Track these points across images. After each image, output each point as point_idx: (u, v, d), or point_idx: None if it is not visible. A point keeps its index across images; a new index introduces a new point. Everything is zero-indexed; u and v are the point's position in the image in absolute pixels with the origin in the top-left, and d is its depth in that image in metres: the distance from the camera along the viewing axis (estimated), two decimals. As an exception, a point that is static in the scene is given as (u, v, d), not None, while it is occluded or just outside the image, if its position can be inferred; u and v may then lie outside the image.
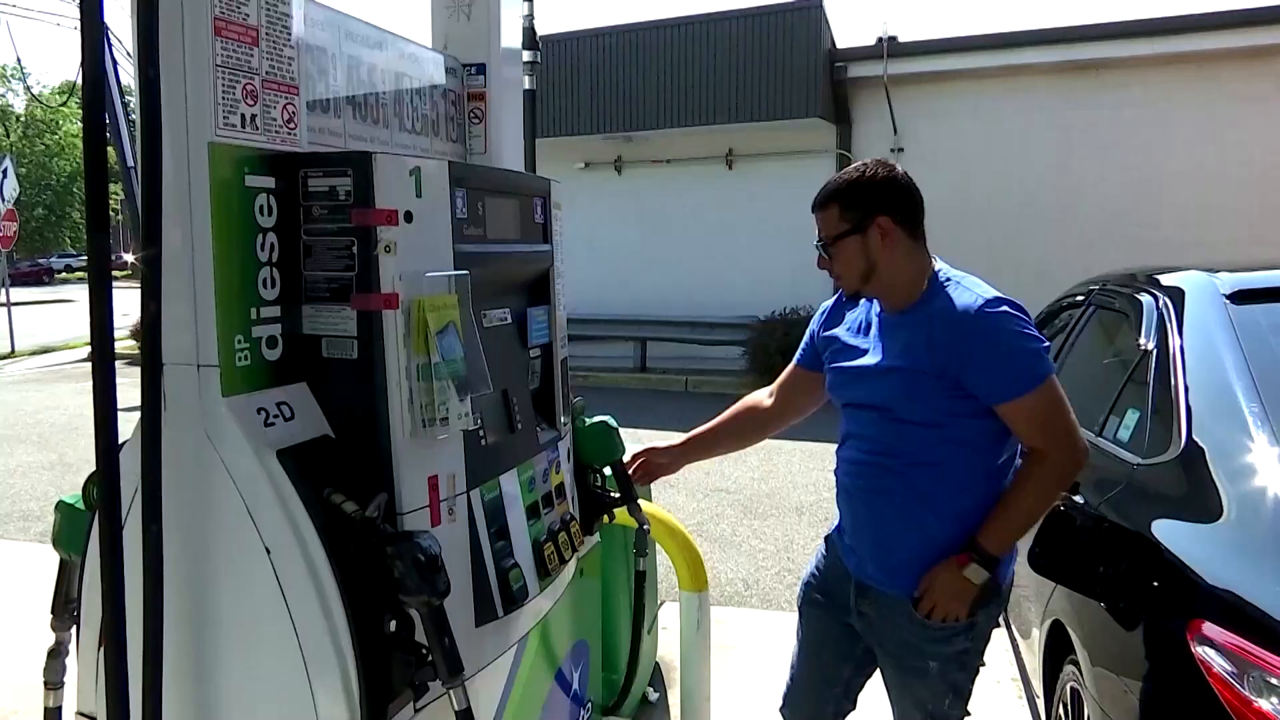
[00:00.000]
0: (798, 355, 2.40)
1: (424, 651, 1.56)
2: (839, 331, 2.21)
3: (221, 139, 1.51)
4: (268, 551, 1.50)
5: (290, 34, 1.66)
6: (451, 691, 1.56)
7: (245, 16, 1.55)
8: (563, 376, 2.28)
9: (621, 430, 2.56)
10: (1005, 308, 1.96)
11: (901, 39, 12.74)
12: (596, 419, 2.51)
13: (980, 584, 2.00)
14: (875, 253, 2.02)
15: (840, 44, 13.04)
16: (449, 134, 2.37)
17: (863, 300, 2.16)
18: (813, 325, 2.34)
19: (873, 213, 2.01)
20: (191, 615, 1.54)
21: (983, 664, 2.18)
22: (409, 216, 1.63)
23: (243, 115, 1.56)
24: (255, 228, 1.58)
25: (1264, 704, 1.48)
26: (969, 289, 2.00)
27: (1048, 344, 2.02)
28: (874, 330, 2.13)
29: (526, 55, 2.27)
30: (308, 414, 1.61)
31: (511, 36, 2.49)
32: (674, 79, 13.08)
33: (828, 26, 12.76)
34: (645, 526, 2.53)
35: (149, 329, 1.41)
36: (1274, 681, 1.48)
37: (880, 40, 12.62)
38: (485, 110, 2.42)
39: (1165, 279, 2.82)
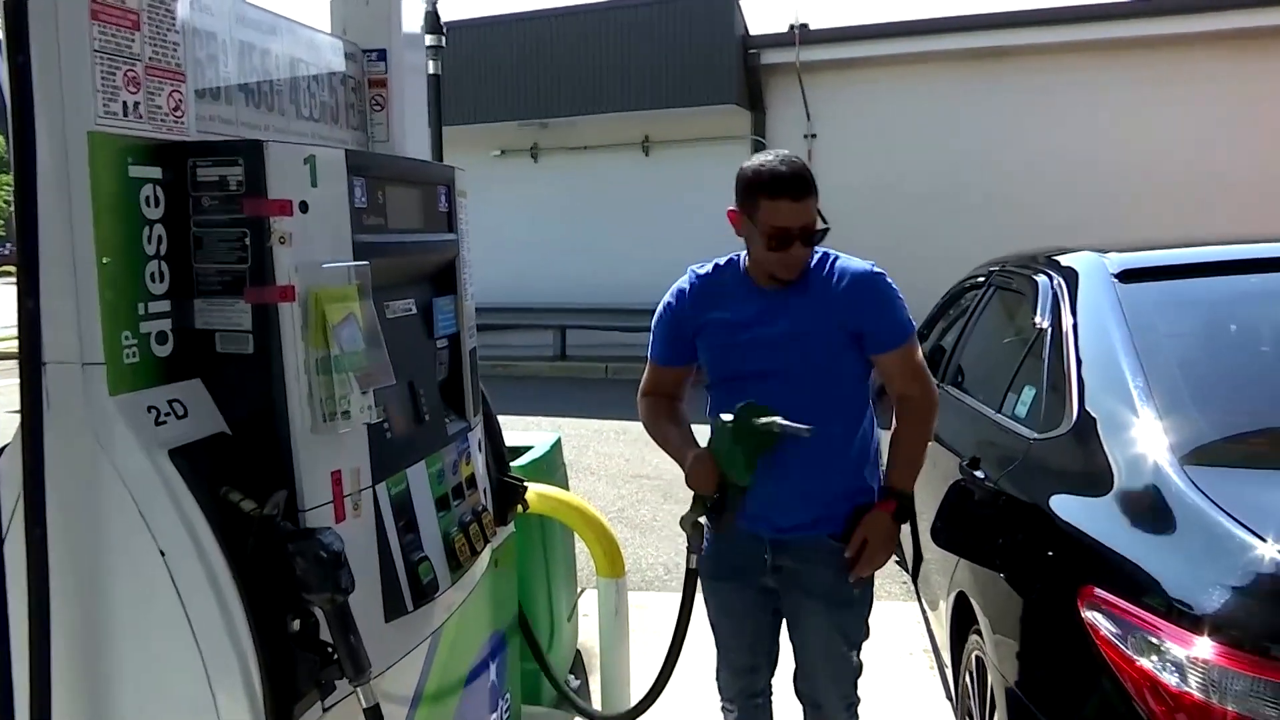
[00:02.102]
0: (674, 357, 2.40)
1: (329, 650, 1.53)
2: (720, 313, 2.30)
3: (102, 128, 1.46)
4: (162, 554, 1.46)
5: (175, 18, 1.61)
6: (359, 689, 1.54)
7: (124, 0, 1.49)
8: (471, 367, 2.26)
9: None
10: (882, 272, 2.26)
11: (813, 26, 12.93)
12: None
13: (900, 524, 2.24)
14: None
15: (754, 31, 13.16)
16: (349, 121, 2.32)
17: (712, 279, 2.33)
18: (677, 320, 2.36)
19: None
20: (82, 623, 1.48)
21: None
22: (304, 206, 1.59)
23: (124, 103, 1.50)
24: (141, 220, 1.53)
25: (1144, 662, 1.56)
26: (848, 258, 2.26)
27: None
28: (760, 302, 2.26)
29: (430, 40, 2.23)
30: (202, 411, 1.57)
31: (413, 22, 2.46)
32: (589, 66, 13.05)
33: (740, 13, 12.86)
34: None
35: (27, 327, 1.36)
36: (1154, 641, 1.56)
37: (792, 27, 12.78)
38: (387, 97, 2.37)
39: (1059, 259, 2.93)
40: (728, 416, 2.16)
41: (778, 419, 2.11)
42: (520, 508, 2.50)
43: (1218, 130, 11.31)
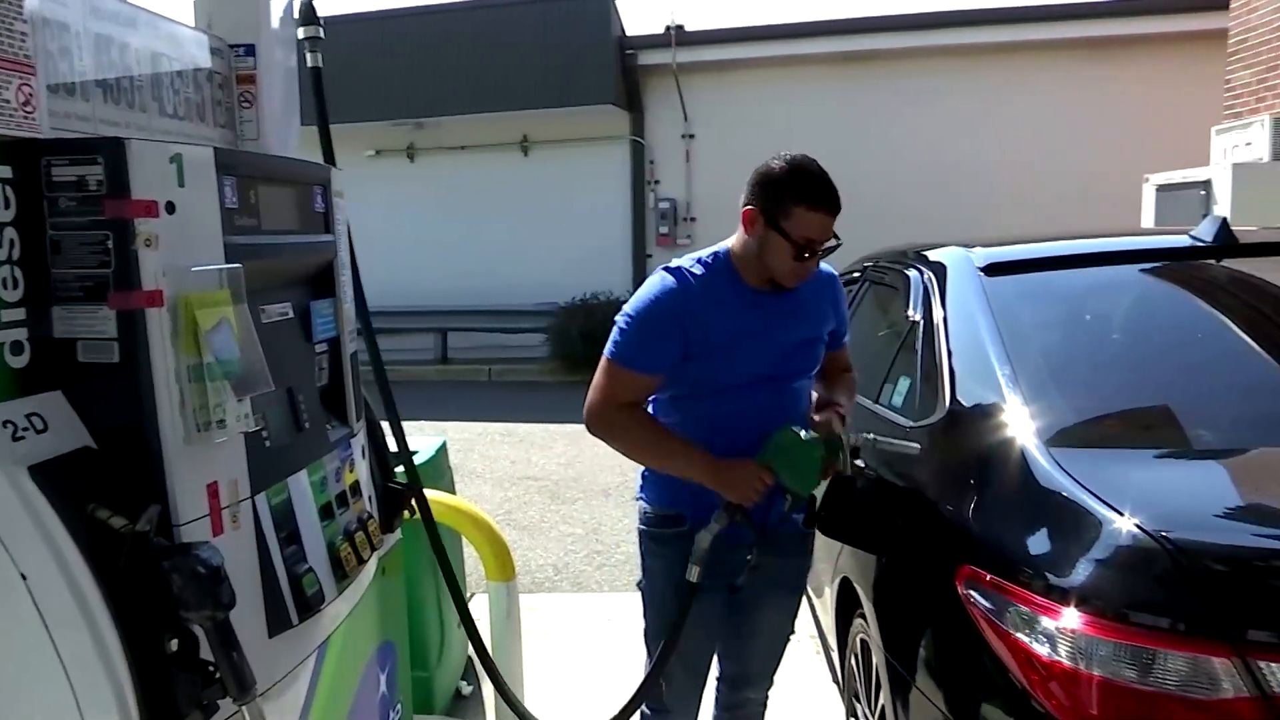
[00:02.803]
0: (662, 362, 2.19)
1: (211, 669, 1.47)
2: (722, 315, 2.18)
3: (-58, 123, 1.36)
4: (24, 578, 1.37)
5: (22, 7, 1.51)
6: (244, 708, 1.48)
7: (-36, -13, 1.39)
8: (353, 371, 2.21)
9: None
10: None
11: (689, 28, 13.11)
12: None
13: None
14: None
15: (630, 31, 13.25)
16: (217, 119, 2.23)
17: (708, 279, 2.20)
18: (678, 320, 2.17)
19: None
20: (-66, 656, 1.38)
21: None
22: (171, 207, 1.52)
23: (-32, 97, 1.40)
24: (-11, 222, 1.43)
25: (1020, 636, 1.64)
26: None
27: None
28: (765, 305, 2.21)
29: (305, 31, 2.12)
30: (64, 425, 1.48)
31: (282, 16, 2.38)
32: (465, 65, 12.89)
33: (616, 14, 12.92)
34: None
35: None
36: (1026, 614, 1.64)
37: (668, 29, 12.93)
38: (256, 93, 2.29)
39: (929, 254, 3.05)
40: (805, 433, 2.13)
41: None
42: (407, 514, 2.45)
43: (1076, 131, 11.99)
